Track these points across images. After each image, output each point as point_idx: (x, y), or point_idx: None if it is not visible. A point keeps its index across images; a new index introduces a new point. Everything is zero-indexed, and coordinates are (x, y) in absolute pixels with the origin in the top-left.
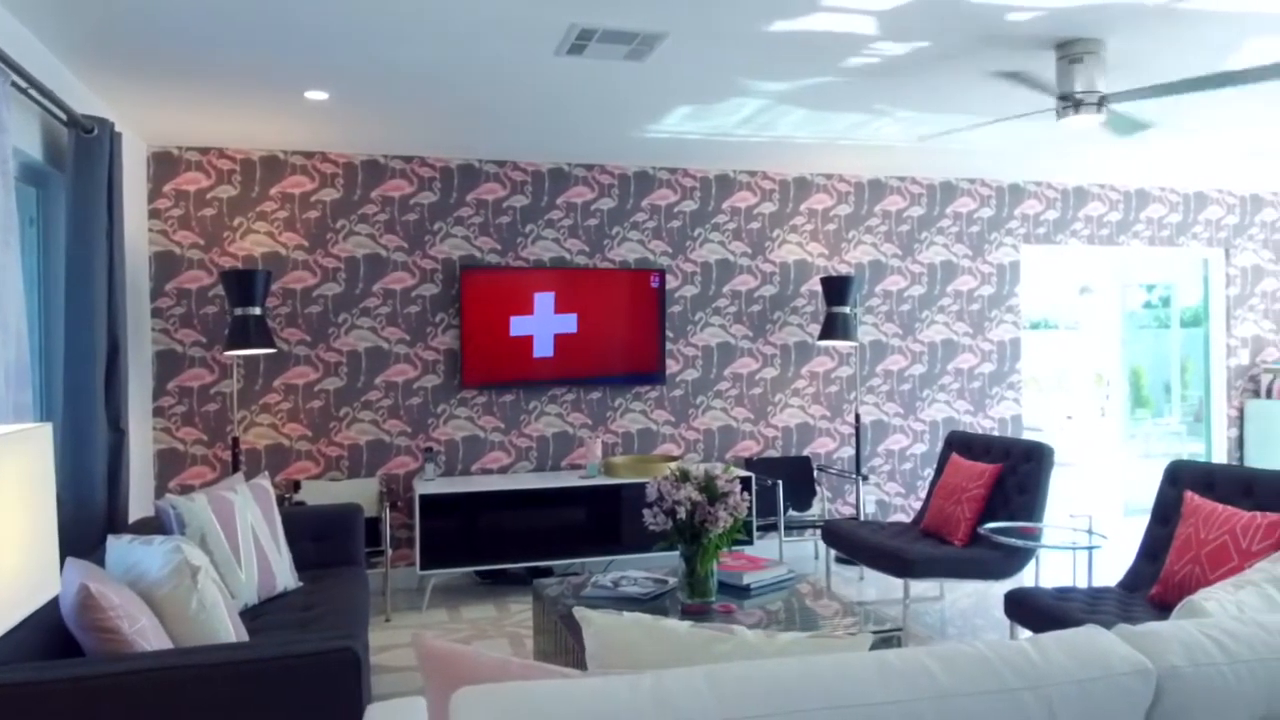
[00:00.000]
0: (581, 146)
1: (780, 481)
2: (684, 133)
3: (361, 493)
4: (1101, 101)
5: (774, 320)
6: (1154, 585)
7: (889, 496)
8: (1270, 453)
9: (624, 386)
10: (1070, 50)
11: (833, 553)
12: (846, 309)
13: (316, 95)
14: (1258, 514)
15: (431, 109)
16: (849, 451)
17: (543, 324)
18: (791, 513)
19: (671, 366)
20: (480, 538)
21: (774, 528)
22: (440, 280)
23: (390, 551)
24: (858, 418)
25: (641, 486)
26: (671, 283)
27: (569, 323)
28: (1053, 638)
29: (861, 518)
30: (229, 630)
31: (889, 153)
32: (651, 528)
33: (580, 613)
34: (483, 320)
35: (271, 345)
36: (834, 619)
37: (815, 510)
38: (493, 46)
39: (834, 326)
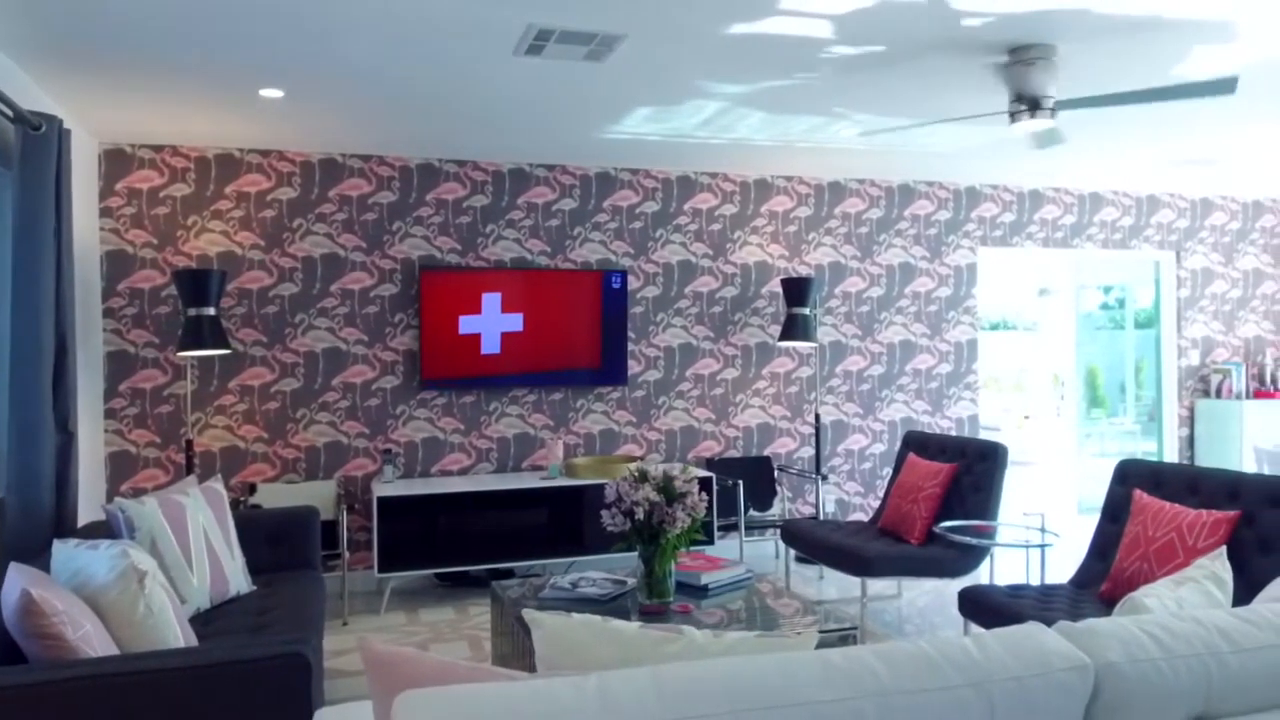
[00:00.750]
0: (542, 147)
1: (741, 482)
2: (644, 134)
3: (319, 495)
4: (1053, 106)
5: (735, 321)
6: (1104, 582)
7: (849, 496)
8: (1220, 451)
9: (586, 387)
10: (1022, 55)
11: (792, 552)
12: (806, 310)
13: (271, 93)
14: (1203, 511)
15: (389, 108)
16: (809, 451)
17: (490, 323)
18: (752, 513)
19: (633, 367)
20: (440, 540)
21: (735, 528)
22: (399, 280)
23: (348, 554)
24: (817, 418)
25: (603, 487)
26: (633, 284)
27: (515, 321)
28: (994, 635)
29: (821, 517)
30: (177, 635)
31: (848, 155)
32: (610, 529)
33: (529, 615)
34: (442, 321)
35: (226, 346)
36: (794, 618)
37: (776, 510)
38: (450, 46)
39: (794, 327)
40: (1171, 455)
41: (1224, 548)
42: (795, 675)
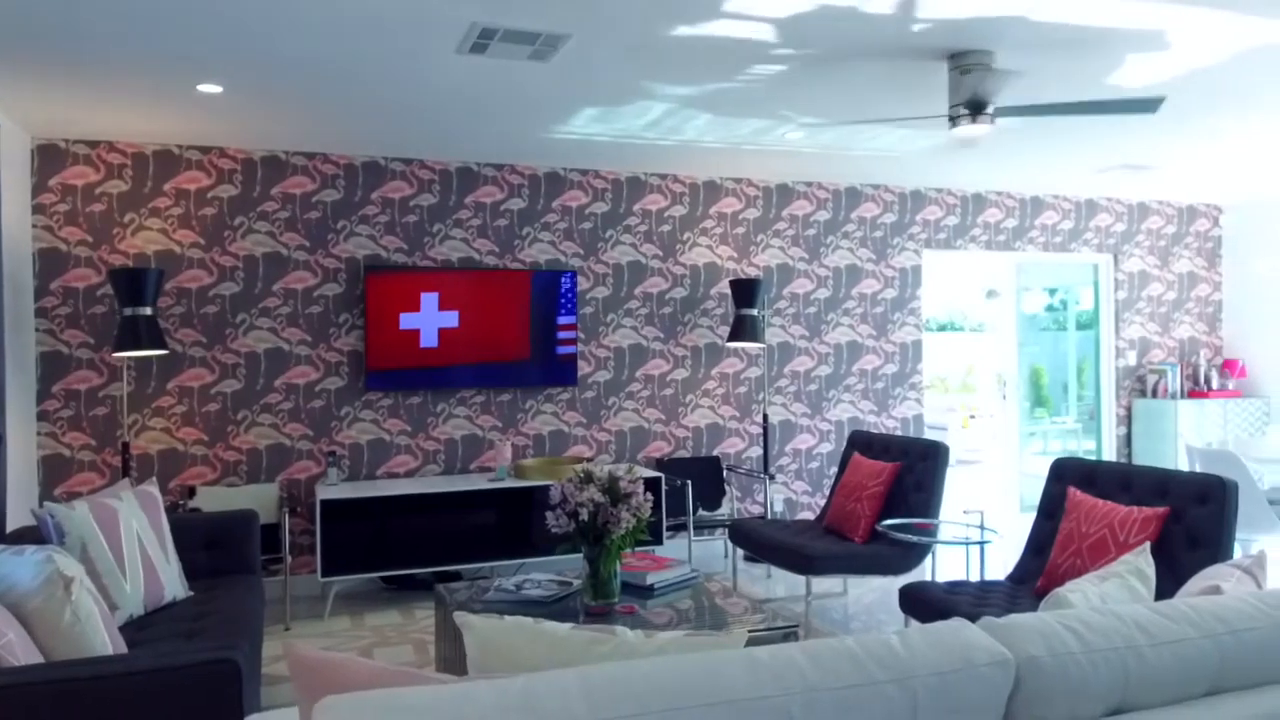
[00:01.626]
0: (490, 146)
1: (689, 482)
2: (593, 134)
3: (261, 498)
4: (992, 112)
5: (685, 322)
6: (1040, 578)
7: (796, 495)
8: (1156, 449)
9: (536, 388)
10: (961, 61)
11: (741, 551)
12: (755, 311)
13: (210, 88)
14: (1134, 508)
15: (332, 105)
16: (758, 451)
17: (428, 320)
18: (701, 512)
19: (584, 368)
20: (385, 543)
21: (684, 528)
22: (344, 280)
23: (290, 559)
24: (766, 418)
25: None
26: (583, 284)
27: (452, 319)
28: (919, 631)
29: (769, 516)
30: (105, 642)
31: (795, 158)
32: (554, 530)
33: (460, 618)
34: (388, 321)
35: (164, 346)
36: (739, 616)
37: (725, 510)
38: (393, 43)
39: (743, 328)
40: (1110, 454)
41: (1148, 544)
42: (722, 674)
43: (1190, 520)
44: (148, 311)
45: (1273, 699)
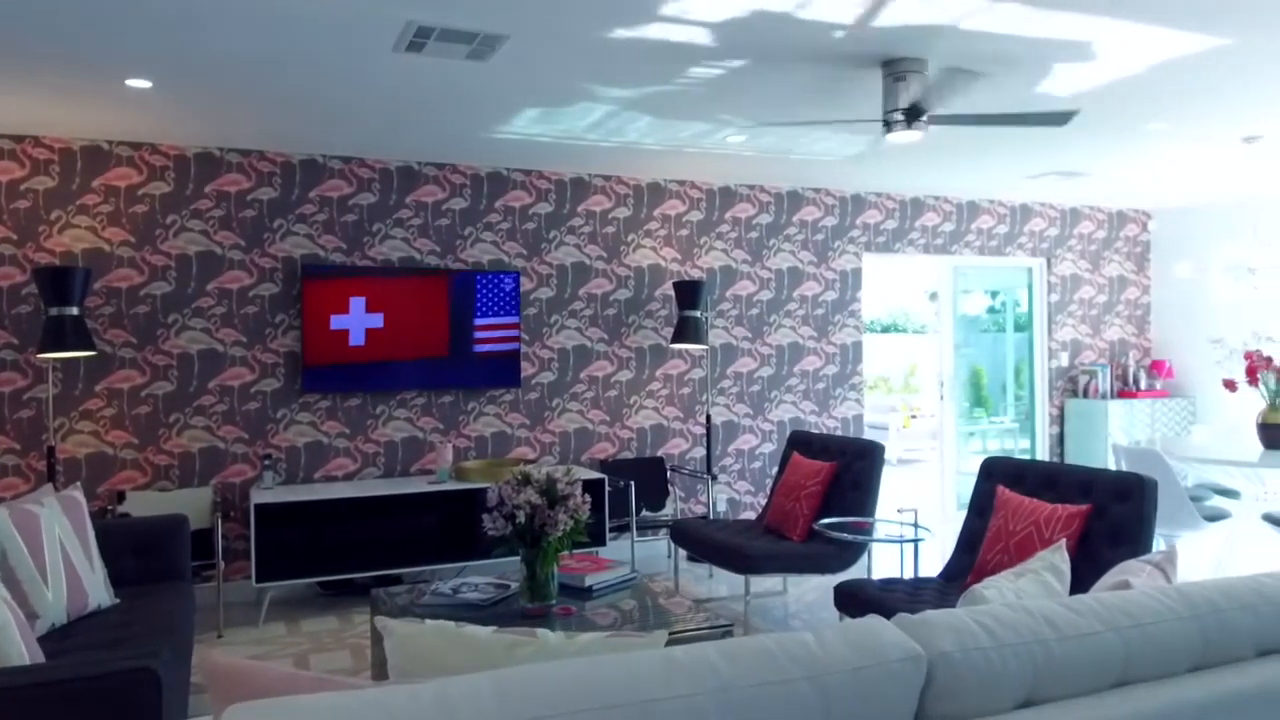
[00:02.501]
0: (431, 145)
1: (632, 483)
2: (535, 135)
3: (194, 503)
4: (924, 119)
5: (629, 323)
6: (970, 575)
7: (739, 495)
8: (1087, 448)
9: (478, 390)
10: (895, 69)
11: (683, 551)
12: (698, 313)
13: (139, 83)
14: (1059, 506)
15: (267, 102)
16: (701, 452)
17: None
18: (645, 513)
19: (527, 369)
20: (323, 547)
21: (628, 528)
22: (280, 280)
23: (224, 564)
24: (709, 418)
25: None
26: (527, 285)
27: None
28: (835, 628)
29: (712, 516)
30: (21, 652)
31: (737, 161)
32: (490, 533)
33: (380, 623)
34: (325, 322)
35: (91, 348)
36: (678, 616)
37: (668, 510)
38: (327, 40)
39: (686, 330)
40: (1044, 453)
41: (1064, 541)
42: (638, 674)
43: (1112, 517)
44: (74, 311)
45: (1176, 690)
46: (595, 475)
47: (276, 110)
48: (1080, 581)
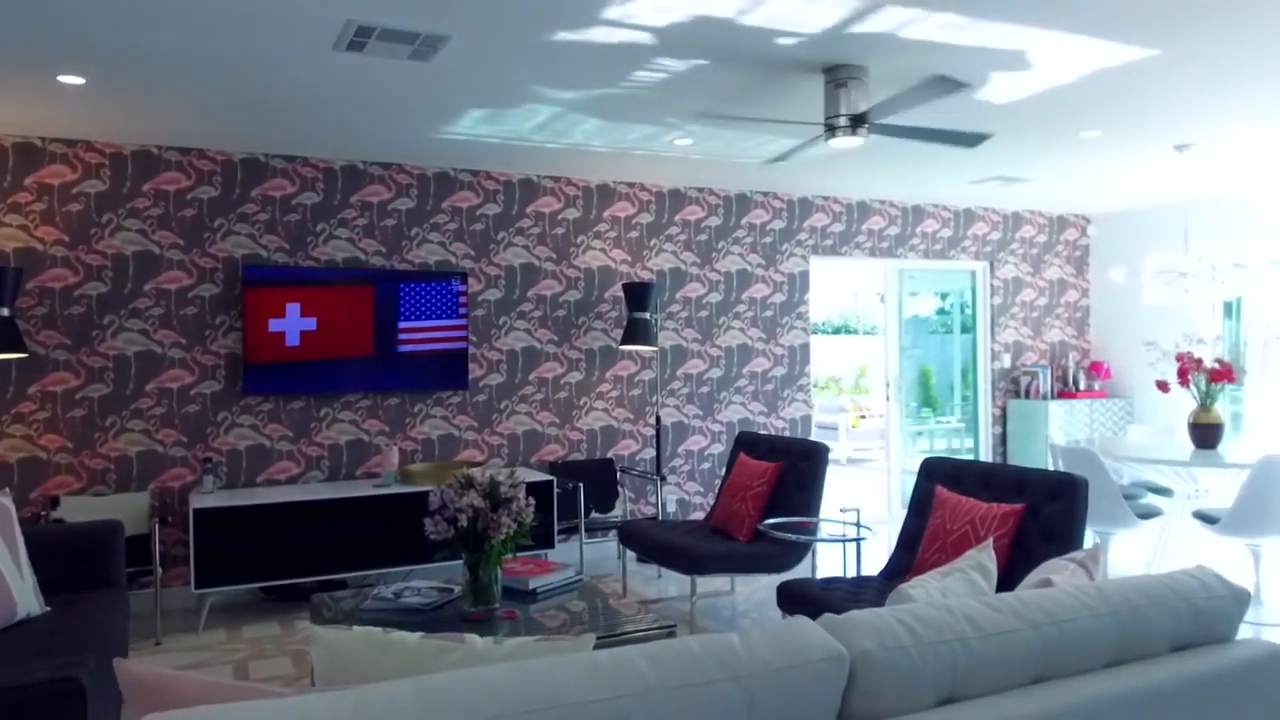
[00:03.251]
0: (376, 145)
1: (581, 484)
2: (481, 135)
3: (130, 508)
4: (866, 125)
5: (579, 325)
6: (909, 573)
7: (689, 495)
8: (1028, 447)
9: (425, 392)
10: (836, 75)
11: (632, 553)
12: (648, 315)
13: (71, 79)
14: (994, 505)
15: (207, 100)
16: (651, 453)
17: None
18: (595, 514)
19: (475, 371)
20: (265, 552)
21: (577, 530)
22: (221, 280)
23: (162, 570)
24: (658, 419)
25: None
26: (475, 286)
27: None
28: (761, 630)
29: (661, 517)
30: None
31: (686, 164)
32: (433, 537)
33: (307, 630)
34: (266, 322)
35: (23, 349)
36: (622, 617)
37: (618, 511)
38: (266, 38)
39: (636, 331)
40: (986, 452)
41: (990, 540)
42: (562, 678)
43: (1044, 516)
44: (4, 312)
45: (1092, 685)
46: (544, 477)
47: (216, 108)
48: (1015, 579)
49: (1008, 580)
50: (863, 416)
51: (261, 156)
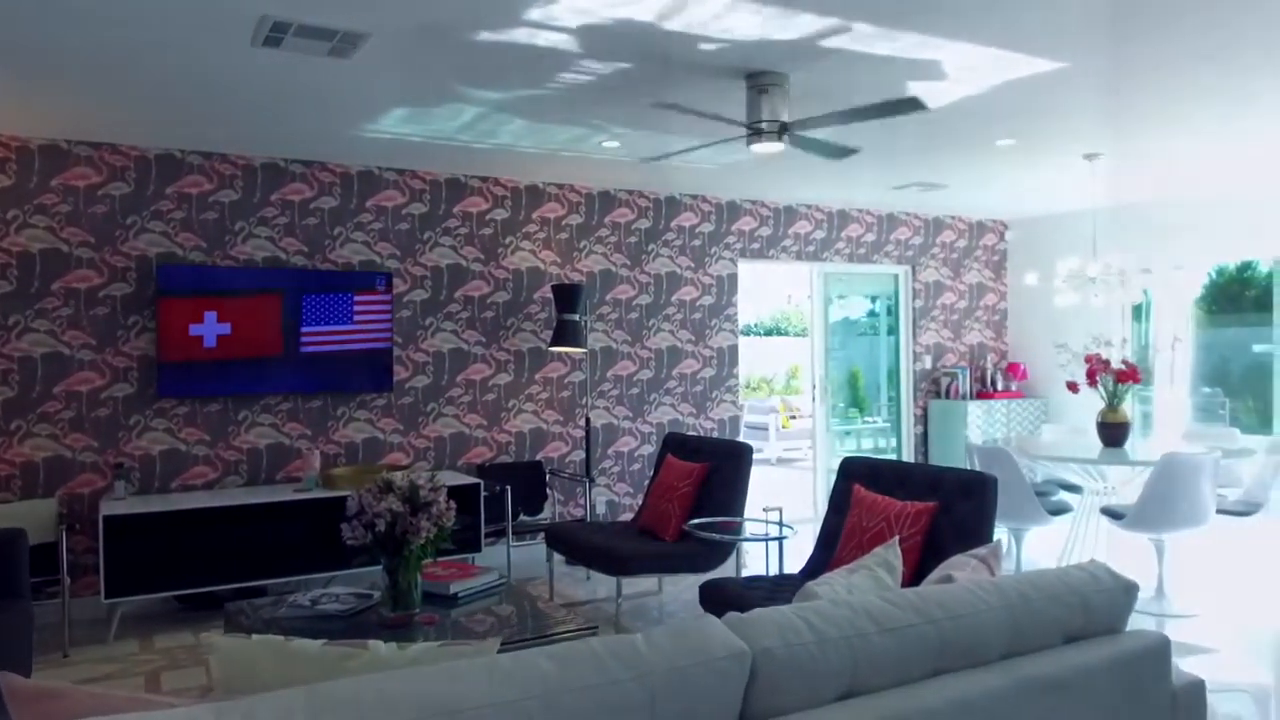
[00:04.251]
0: (297, 142)
1: (509, 487)
2: (406, 134)
3: (37, 516)
4: (784, 130)
5: (507, 326)
6: (827, 571)
7: (619, 497)
8: (949, 447)
9: (348, 394)
10: (758, 81)
11: (560, 555)
12: (577, 316)
13: None
14: (909, 503)
15: (118, 94)
16: (581, 455)
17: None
18: (524, 517)
19: (400, 373)
20: (179, 560)
21: (504, 533)
22: (134, 280)
23: (70, 580)
24: (588, 421)
25: None
26: (400, 287)
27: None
28: (665, 629)
29: (590, 519)
30: None
31: (615, 167)
32: (350, 542)
33: (206, 639)
34: (182, 322)
35: None
36: (553, 619)
37: (547, 514)
38: (180, 31)
39: (565, 333)
40: (909, 451)
41: (897, 538)
42: (461, 683)
43: (956, 513)
44: None
45: (987, 678)
46: (470, 480)
47: (129, 102)
48: (928, 576)
49: (921, 577)
50: (793, 417)
51: (178, 153)
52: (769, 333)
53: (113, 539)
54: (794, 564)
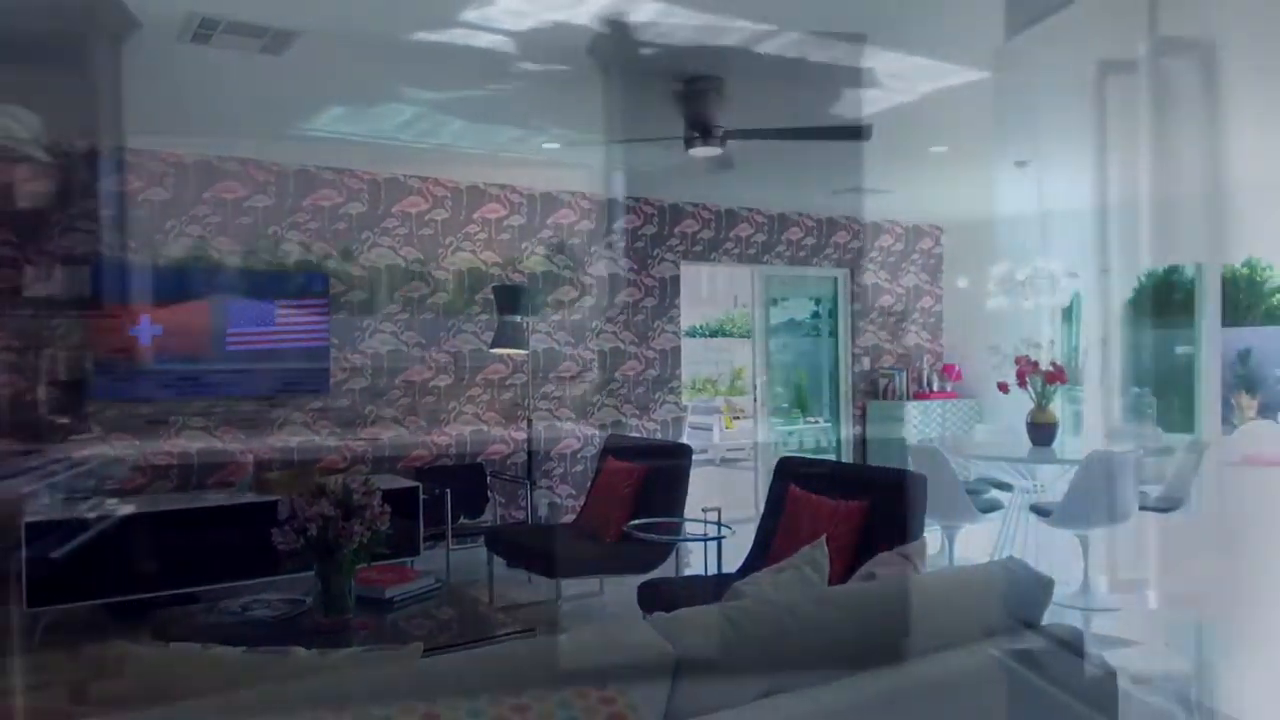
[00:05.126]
0: (231, 139)
1: (449, 490)
2: (344, 133)
3: None
4: (722, 135)
5: (448, 328)
6: (763, 569)
7: (562, 499)
8: (887, 446)
9: (284, 397)
10: (695, 85)
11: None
12: (519, 318)
13: None
14: (841, 502)
15: (38, 87)
16: (523, 457)
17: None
18: (464, 520)
19: (337, 375)
20: (107, 567)
21: (444, 536)
22: (61, 280)
23: None
24: (530, 423)
25: None
26: (337, 287)
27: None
28: (592, 629)
29: (532, 521)
30: None
31: (557, 168)
32: (281, 547)
33: (122, 648)
34: (111, 322)
35: None
36: (490, 622)
37: (488, 517)
38: (105, 25)
39: (506, 335)
40: (848, 452)
41: (824, 536)
42: (381, 689)
43: (886, 511)
44: None
45: (907, 673)
46: (409, 483)
47: (51, 97)
48: (859, 574)
49: (853, 575)
50: (736, 418)
51: (105, 151)
52: (714, 334)
53: (35, 546)
54: (735, 563)
